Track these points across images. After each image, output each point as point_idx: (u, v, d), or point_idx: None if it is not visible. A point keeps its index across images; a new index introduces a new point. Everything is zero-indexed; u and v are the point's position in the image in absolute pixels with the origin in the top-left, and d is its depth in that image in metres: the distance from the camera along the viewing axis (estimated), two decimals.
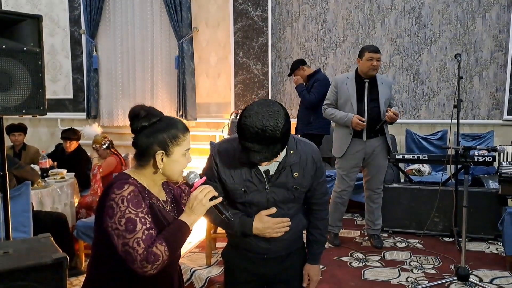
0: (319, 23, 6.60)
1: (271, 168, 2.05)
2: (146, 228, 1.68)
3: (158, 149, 1.81)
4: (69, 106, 7.87)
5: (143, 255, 1.64)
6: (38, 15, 2.73)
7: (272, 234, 2.08)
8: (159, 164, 1.82)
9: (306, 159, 2.09)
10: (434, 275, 3.88)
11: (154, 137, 1.81)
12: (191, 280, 3.85)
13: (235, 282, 2.29)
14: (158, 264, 1.66)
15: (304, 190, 2.13)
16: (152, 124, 1.83)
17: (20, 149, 6.04)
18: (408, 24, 6.27)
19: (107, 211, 1.71)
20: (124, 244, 1.67)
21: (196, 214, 1.82)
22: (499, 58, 6.01)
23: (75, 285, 4.19)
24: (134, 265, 1.66)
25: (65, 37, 7.75)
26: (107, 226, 1.71)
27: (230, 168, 2.07)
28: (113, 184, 1.75)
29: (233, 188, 2.08)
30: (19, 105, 2.60)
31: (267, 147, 1.81)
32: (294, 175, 2.06)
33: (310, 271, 2.30)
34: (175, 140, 1.83)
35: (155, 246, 1.67)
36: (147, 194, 1.82)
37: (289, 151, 2.04)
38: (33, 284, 1.61)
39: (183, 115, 7.05)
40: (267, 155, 1.85)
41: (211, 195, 1.83)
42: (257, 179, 2.05)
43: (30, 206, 4.02)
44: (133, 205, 1.70)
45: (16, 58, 2.57)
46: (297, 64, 5.67)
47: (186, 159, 1.88)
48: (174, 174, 1.87)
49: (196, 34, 7.08)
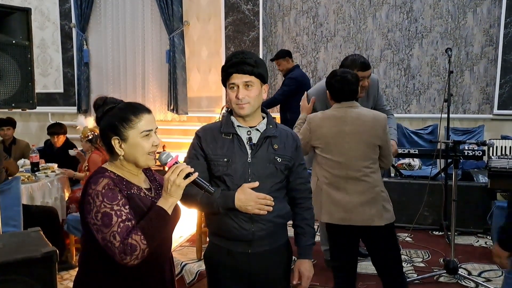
0: (310, 17, 6.60)
1: (253, 137, 2.11)
2: (122, 221, 1.68)
3: (112, 135, 1.79)
4: (59, 100, 7.82)
5: (120, 248, 1.64)
6: (27, 8, 2.71)
7: (254, 209, 2.03)
8: (118, 150, 1.80)
9: (286, 135, 2.19)
10: (423, 268, 3.91)
11: (106, 123, 1.80)
12: (182, 273, 3.86)
13: (219, 283, 2.23)
14: (136, 254, 1.66)
15: (286, 163, 2.14)
16: (106, 112, 1.82)
17: (10, 143, 6.01)
18: (400, 18, 6.28)
19: (85, 207, 1.72)
20: (103, 239, 1.67)
21: (173, 196, 1.78)
22: (490, 53, 6.04)
23: (66, 279, 4.19)
24: (115, 258, 1.66)
25: (55, 30, 7.70)
26: (88, 221, 1.71)
27: (213, 141, 2.12)
28: (91, 179, 1.76)
29: (215, 159, 2.09)
30: (8, 98, 2.58)
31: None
32: (274, 146, 2.12)
33: (301, 267, 2.23)
34: (126, 123, 1.79)
35: (131, 237, 1.66)
36: (125, 184, 1.80)
37: (268, 125, 2.15)
38: (23, 278, 1.61)
39: (174, 110, 7.03)
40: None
41: (184, 174, 1.77)
42: (239, 150, 2.09)
43: (21, 200, 4.01)
44: (108, 199, 1.69)
45: (5, 51, 2.55)
46: (284, 54, 5.92)
47: (149, 142, 1.82)
48: (139, 158, 1.82)
49: (187, 28, 7.06)
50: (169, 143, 6.49)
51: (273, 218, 2.11)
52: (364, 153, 2.82)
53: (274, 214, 2.11)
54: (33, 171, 4.96)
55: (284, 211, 2.18)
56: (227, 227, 2.11)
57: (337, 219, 2.84)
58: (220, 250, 2.18)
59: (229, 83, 2.08)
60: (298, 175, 2.23)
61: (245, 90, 2.05)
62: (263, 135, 2.11)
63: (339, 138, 2.83)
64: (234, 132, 2.11)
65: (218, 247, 2.19)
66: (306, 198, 2.28)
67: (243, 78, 2.04)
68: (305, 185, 2.28)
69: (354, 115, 2.85)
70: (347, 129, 2.82)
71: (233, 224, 2.09)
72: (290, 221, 2.26)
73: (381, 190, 2.85)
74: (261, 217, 2.08)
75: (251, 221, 2.08)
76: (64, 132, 5.97)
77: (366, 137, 2.81)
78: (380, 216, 2.80)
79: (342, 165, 2.82)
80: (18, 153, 5.90)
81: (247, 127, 2.12)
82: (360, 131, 2.82)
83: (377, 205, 2.81)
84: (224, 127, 2.13)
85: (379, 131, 2.83)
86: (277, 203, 2.11)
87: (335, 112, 2.90)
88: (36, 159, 5.06)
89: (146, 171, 1.99)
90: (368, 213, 2.79)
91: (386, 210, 2.83)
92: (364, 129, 2.82)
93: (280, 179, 2.16)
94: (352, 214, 2.80)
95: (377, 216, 2.80)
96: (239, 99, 2.04)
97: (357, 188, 2.82)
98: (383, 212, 2.81)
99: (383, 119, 2.87)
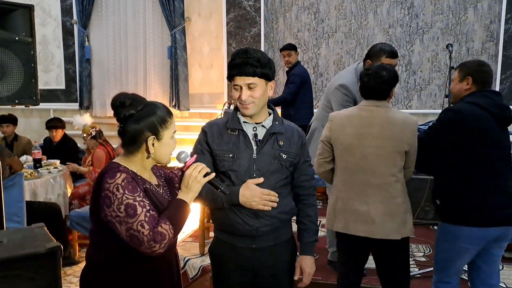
0: (311, 13, 6.59)
1: (259, 133, 2.14)
2: (147, 210, 1.72)
3: (149, 134, 1.84)
4: (61, 96, 7.83)
5: (149, 236, 1.68)
6: (30, 5, 2.72)
7: (259, 205, 2.05)
8: (151, 149, 1.85)
9: (292, 131, 2.20)
10: (424, 263, 3.92)
11: (144, 122, 1.84)
12: (185, 269, 3.88)
13: (223, 276, 2.25)
14: (165, 243, 1.71)
15: (291, 159, 2.15)
16: (139, 110, 1.85)
17: (12, 140, 6.04)
18: (401, 14, 6.28)
19: (103, 201, 1.73)
20: (128, 229, 1.70)
21: (193, 191, 1.87)
22: (490, 49, 6.04)
23: (69, 274, 4.22)
24: (141, 247, 1.69)
25: (57, 27, 7.70)
26: (105, 215, 1.73)
27: (219, 136, 2.15)
28: (105, 175, 1.77)
29: (221, 154, 2.13)
30: (12, 95, 2.59)
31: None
32: (280, 143, 2.13)
33: (303, 263, 2.24)
34: (164, 124, 1.87)
35: (160, 226, 1.71)
36: (140, 179, 1.85)
37: (274, 121, 2.16)
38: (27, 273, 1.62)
39: (176, 106, 7.04)
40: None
41: (204, 172, 1.88)
42: (245, 146, 2.11)
43: (24, 196, 4.03)
44: (129, 190, 1.73)
45: (8, 48, 2.57)
46: (293, 47, 5.98)
47: (174, 142, 1.94)
48: (164, 157, 1.92)
49: (189, 24, 7.05)
50: None
51: (277, 214, 2.13)
52: (390, 159, 2.59)
53: (279, 210, 2.13)
54: (35, 167, 4.99)
55: (288, 207, 2.20)
56: (232, 222, 2.13)
57: (354, 229, 2.64)
58: (224, 245, 2.21)
59: (233, 84, 2.09)
60: (303, 172, 2.25)
61: (248, 91, 2.05)
62: (268, 132, 2.13)
63: (363, 140, 2.61)
64: (240, 128, 2.13)
65: (223, 241, 2.22)
66: (310, 195, 2.29)
67: (245, 80, 2.04)
68: (310, 182, 2.29)
69: (381, 116, 2.62)
70: (373, 131, 2.60)
71: (237, 220, 2.12)
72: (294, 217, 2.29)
73: (402, 201, 2.64)
74: (266, 213, 2.09)
75: (255, 217, 2.10)
76: (63, 127, 6.02)
77: (394, 142, 2.59)
78: (399, 230, 2.61)
79: (363, 170, 2.61)
80: (20, 149, 5.94)
81: (253, 123, 2.14)
82: (387, 135, 2.59)
83: (398, 217, 2.60)
84: (230, 123, 2.15)
85: (409, 135, 2.61)
86: (282, 199, 2.13)
87: (361, 111, 2.67)
88: (39, 156, 5.09)
89: (152, 168, 2.02)
90: (389, 227, 2.59)
91: (406, 223, 2.64)
92: (392, 133, 2.59)
93: (285, 175, 2.17)
94: (371, 226, 2.59)
95: (396, 230, 2.60)
96: (243, 100, 2.06)
97: (378, 198, 2.61)
98: (403, 225, 2.62)
99: (414, 122, 2.65)
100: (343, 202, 2.68)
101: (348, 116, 2.70)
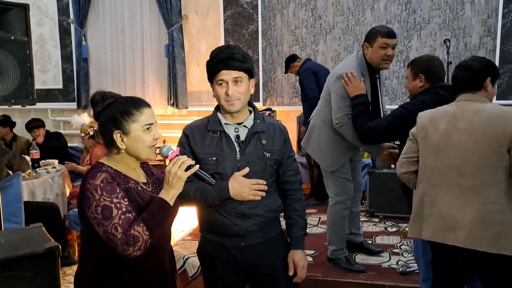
0: (309, 10, 6.58)
1: (241, 134, 2.12)
2: (122, 213, 1.69)
3: (113, 129, 1.80)
4: (59, 96, 7.82)
5: (122, 239, 1.66)
6: (25, 4, 2.70)
7: (249, 196, 2.05)
8: (119, 144, 1.81)
9: (274, 129, 2.19)
10: None
11: (107, 117, 1.81)
12: (184, 267, 3.87)
13: (214, 276, 2.23)
14: (139, 245, 1.68)
15: (275, 157, 2.15)
16: (106, 106, 1.82)
17: (10, 140, 6.05)
18: (398, 10, 6.27)
19: (85, 202, 1.73)
20: (104, 232, 1.69)
21: (175, 188, 1.80)
22: (488, 43, 6.03)
23: (68, 274, 4.21)
24: (117, 249, 1.68)
25: (54, 26, 7.67)
26: (88, 216, 1.73)
27: (201, 139, 2.13)
28: (88, 175, 1.77)
29: (204, 158, 2.10)
30: (8, 95, 2.58)
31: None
32: (263, 142, 2.12)
33: (295, 257, 2.23)
34: (128, 117, 1.80)
35: (133, 229, 1.68)
36: (123, 178, 1.81)
37: (256, 120, 2.15)
38: (26, 274, 1.62)
39: (174, 104, 7.03)
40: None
41: (186, 166, 1.80)
42: (228, 148, 2.10)
43: (22, 197, 4.02)
44: (107, 192, 1.71)
45: (4, 47, 2.56)
46: (289, 61, 5.83)
47: (150, 136, 1.85)
48: (140, 152, 1.84)
49: (186, 22, 7.04)
50: (170, 138, 6.48)
51: (264, 212, 2.14)
52: (482, 157, 2.25)
53: (266, 209, 2.14)
54: (33, 167, 4.98)
55: (275, 205, 2.21)
56: (219, 224, 2.13)
57: (440, 236, 2.37)
58: (213, 244, 2.20)
59: (218, 80, 2.07)
60: (288, 167, 2.25)
61: (234, 86, 2.05)
62: (250, 131, 2.12)
63: (451, 136, 2.34)
64: (221, 130, 2.12)
65: (211, 241, 2.21)
66: (296, 190, 2.29)
67: (232, 74, 2.04)
68: (295, 176, 2.29)
69: (472, 109, 2.33)
70: (462, 126, 2.32)
71: (225, 221, 2.12)
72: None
73: (500, 210, 2.23)
74: (253, 213, 2.11)
75: (243, 217, 2.11)
76: (43, 125, 6.09)
77: (487, 137, 2.25)
78: (495, 242, 2.21)
79: (453, 170, 2.33)
80: (18, 149, 5.94)
81: (235, 124, 2.13)
82: (478, 129, 2.27)
83: (494, 227, 2.22)
84: (211, 125, 2.14)
85: (507, 130, 2.23)
86: (268, 197, 2.13)
87: (451, 107, 2.42)
88: (37, 156, 5.08)
89: (143, 165, 2.01)
90: (479, 235, 2.24)
91: (507, 237, 2.21)
92: (485, 126, 2.26)
93: (270, 173, 2.18)
94: (458, 232, 2.29)
95: (490, 241, 2.21)
96: (229, 95, 2.04)
97: (469, 201, 2.29)
98: (500, 237, 2.21)
99: None
100: (430, 206, 2.43)
101: (437, 112, 2.47)
